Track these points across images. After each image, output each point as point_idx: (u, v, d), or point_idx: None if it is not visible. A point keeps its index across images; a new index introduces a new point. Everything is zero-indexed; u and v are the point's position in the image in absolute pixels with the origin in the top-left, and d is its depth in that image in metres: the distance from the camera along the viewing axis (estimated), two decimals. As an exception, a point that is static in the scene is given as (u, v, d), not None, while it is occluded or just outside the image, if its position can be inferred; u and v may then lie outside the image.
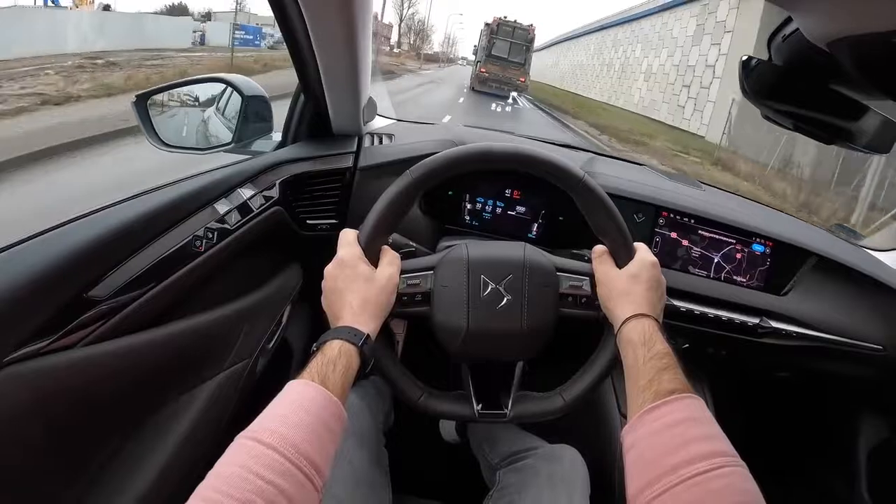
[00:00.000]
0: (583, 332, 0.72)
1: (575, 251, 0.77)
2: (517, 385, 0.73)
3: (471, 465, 1.03)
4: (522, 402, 0.72)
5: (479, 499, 0.83)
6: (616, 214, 0.69)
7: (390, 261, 0.67)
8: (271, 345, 0.94)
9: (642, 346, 0.58)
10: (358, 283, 0.62)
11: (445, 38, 72.11)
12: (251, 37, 21.24)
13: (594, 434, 1.09)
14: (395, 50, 55.87)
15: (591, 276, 0.70)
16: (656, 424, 0.51)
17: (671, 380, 0.54)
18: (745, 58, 0.53)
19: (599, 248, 0.71)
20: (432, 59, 57.76)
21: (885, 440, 1.18)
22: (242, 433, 0.46)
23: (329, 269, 0.65)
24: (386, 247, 0.68)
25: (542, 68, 41.11)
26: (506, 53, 18.06)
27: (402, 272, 0.68)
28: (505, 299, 0.68)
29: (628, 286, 0.65)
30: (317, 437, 0.47)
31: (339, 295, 0.62)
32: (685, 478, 0.44)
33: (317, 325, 1.18)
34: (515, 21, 18.19)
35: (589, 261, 0.72)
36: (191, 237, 0.71)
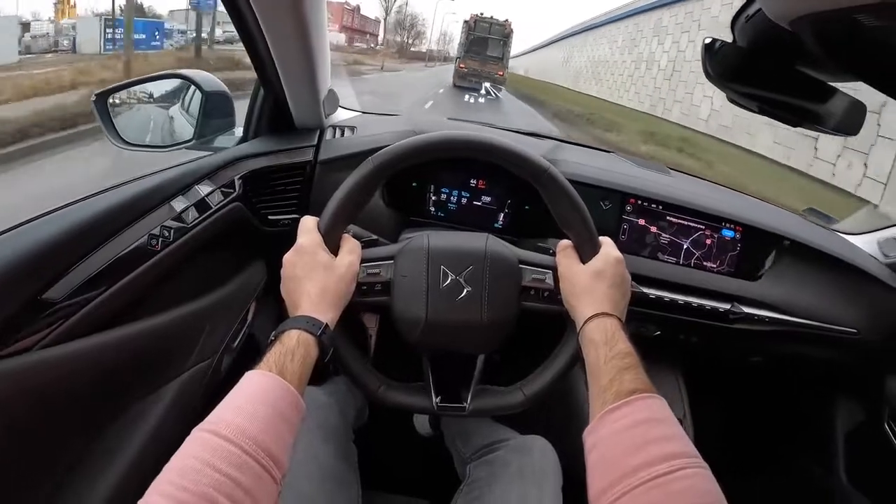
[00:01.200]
0: (546, 326, 0.71)
1: (540, 244, 0.75)
2: (478, 378, 0.72)
3: (445, 460, 1.02)
4: (482, 396, 0.71)
5: (452, 493, 0.82)
6: (581, 207, 0.67)
7: (350, 249, 0.65)
8: (236, 343, 0.92)
9: (604, 345, 0.58)
10: (317, 271, 0.61)
11: (441, 35, 70.02)
12: (144, 36, 16.20)
13: (567, 425, 1.08)
14: (377, 48, 54.51)
15: (555, 269, 0.69)
16: (617, 425, 0.50)
17: (632, 379, 0.53)
18: (707, 40, 0.52)
19: (564, 242, 0.69)
20: (418, 56, 54.80)
21: (862, 423, 1.19)
22: (199, 425, 0.45)
23: (288, 257, 0.63)
24: (346, 235, 0.67)
25: (548, 66, 35.64)
26: (484, 49, 18.52)
27: (363, 261, 0.67)
28: (465, 290, 0.67)
29: (591, 283, 0.64)
30: (274, 427, 0.47)
31: (297, 283, 0.61)
32: (645, 480, 0.44)
33: (283, 321, 1.16)
34: (492, 17, 18.70)
35: (553, 254, 0.70)
36: (147, 236, 0.69)
